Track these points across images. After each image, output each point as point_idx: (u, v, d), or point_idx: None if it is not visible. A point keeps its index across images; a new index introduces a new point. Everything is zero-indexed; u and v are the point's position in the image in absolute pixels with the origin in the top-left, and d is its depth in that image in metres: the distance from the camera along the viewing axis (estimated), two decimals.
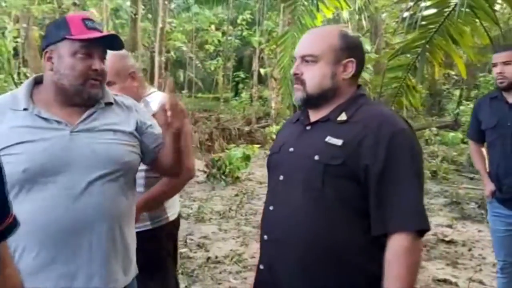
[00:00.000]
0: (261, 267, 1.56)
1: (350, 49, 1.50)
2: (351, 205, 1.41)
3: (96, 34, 1.53)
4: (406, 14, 3.54)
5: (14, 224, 1.01)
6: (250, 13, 14.11)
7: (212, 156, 8.16)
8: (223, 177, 7.43)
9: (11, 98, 1.56)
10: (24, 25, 9.50)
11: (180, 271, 3.95)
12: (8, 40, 9.02)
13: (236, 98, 14.50)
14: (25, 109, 1.52)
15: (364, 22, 11.83)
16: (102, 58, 1.57)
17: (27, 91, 1.56)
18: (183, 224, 5.44)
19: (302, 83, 1.50)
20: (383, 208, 1.37)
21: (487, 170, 2.98)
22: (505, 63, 2.74)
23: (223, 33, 14.78)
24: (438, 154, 9.19)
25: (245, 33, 14.58)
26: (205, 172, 7.76)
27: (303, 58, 1.50)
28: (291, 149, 1.52)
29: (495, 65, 2.79)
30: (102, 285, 1.52)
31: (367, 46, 12.48)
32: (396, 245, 1.35)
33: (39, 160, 1.45)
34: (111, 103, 1.64)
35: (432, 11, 3.68)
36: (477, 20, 3.59)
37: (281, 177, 1.52)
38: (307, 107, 1.56)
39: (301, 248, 1.44)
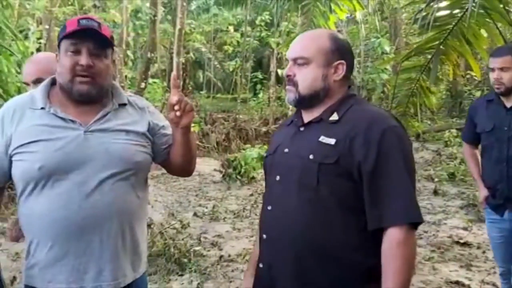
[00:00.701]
0: (261, 265, 1.60)
1: (340, 51, 1.55)
2: (346, 203, 1.45)
3: (81, 28, 1.54)
4: (419, 15, 3.54)
5: None
6: (268, 14, 14.14)
7: (228, 156, 8.23)
8: (239, 177, 7.49)
9: (30, 98, 1.62)
10: (46, 27, 9.71)
11: (193, 269, 4.03)
12: (31, 41, 9.23)
13: (254, 98, 14.56)
14: (42, 108, 1.58)
15: (377, 23, 11.74)
16: (95, 54, 1.57)
17: (44, 91, 1.62)
18: (198, 222, 5.53)
19: (295, 84, 1.54)
20: (377, 203, 1.41)
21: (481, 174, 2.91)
22: (502, 69, 2.63)
23: (242, 34, 14.87)
24: (456, 156, 9.08)
25: (263, 34, 14.61)
26: (221, 172, 7.83)
27: (295, 61, 1.55)
28: (286, 150, 1.57)
29: (492, 69, 2.67)
30: (111, 279, 1.58)
31: (386, 47, 12.40)
32: (391, 238, 1.39)
33: (54, 159, 1.51)
34: (124, 104, 1.69)
35: (446, 12, 3.67)
36: (490, 21, 3.58)
37: (278, 177, 1.56)
38: (299, 108, 1.60)
39: (298, 246, 1.48)
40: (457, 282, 3.83)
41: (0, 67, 3.99)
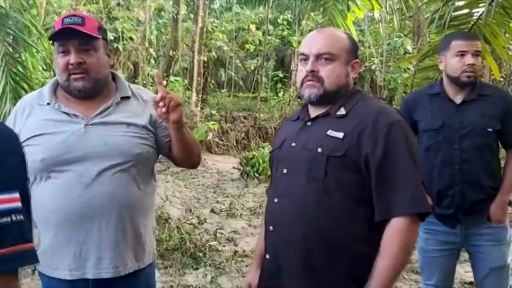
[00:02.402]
0: (267, 256, 1.64)
1: (356, 51, 1.61)
2: (353, 194, 1.49)
3: (64, 26, 1.59)
4: (435, 15, 3.52)
5: (27, 255, 0.86)
6: (290, 12, 14.13)
7: (246, 154, 8.28)
8: (256, 174, 7.53)
9: (38, 94, 1.72)
10: None
11: (208, 263, 4.10)
12: None
13: (275, 97, 14.58)
14: (48, 104, 1.67)
15: (395, 22, 11.63)
16: (83, 50, 1.62)
17: (51, 87, 1.71)
18: (214, 218, 5.61)
19: (320, 80, 1.56)
20: (384, 195, 1.46)
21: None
22: (477, 54, 2.32)
23: (263, 33, 14.91)
24: None
25: (285, 32, 14.61)
26: (239, 169, 7.89)
27: (320, 56, 1.56)
28: (293, 144, 1.61)
29: (463, 54, 2.29)
30: (111, 267, 1.64)
31: (408, 47, 12.28)
32: (393, 226, 1.43)
33: (55, 151, 1.60)
34: (128, 97, 1.74)
35: (464, 11, 3.64)
36: (510, 20, 3.53)
37: (284, 170, 1.60)
38: (320, 104, 1.60)
39: (305, 236, 1.51)
40: (471, 283, 3.80)
41: (25, 64, 4.13)
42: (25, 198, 0.87)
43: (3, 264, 0.82)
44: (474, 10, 3.62)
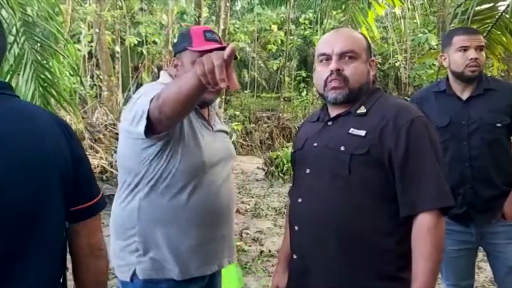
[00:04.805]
0: (294, 256, 1.65)
1: (371, 50, 1.63)
2: (377, 191, 1.50)
3: (213, 46, 1.69)
4: (458, 10, 3.48)
5: (101, 203, 1.21)
6: (312, 12, 14.07)
7: (270, 154, 8.29)
8: (281, 174, 7.54)
9: (158, 86, 1.73)
10: (97, 30, 10.11)
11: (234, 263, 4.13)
12: (83, 44, 9.65)
13: (298, 97, 14.54)
14: None
15: (417, 18, 11.47)
16: None
17: None
18: (240, 219, 5.64)
19: (345, 79, 1.56)
20: (408, 190, 1.46)
21: None
22: (480, 48, 2.29)
23: (286, 33, 14.89)
24: None
25: (307, 32, 14.56)
26: (263, 169, 7.91)
27: (343, 55, 1.56)
28: (315, 144, 1.62)
29: (465, 49, 2.27)
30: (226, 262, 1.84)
31: (433, 42, 12.09)
32: (421, 223, 1.43)
33: (212, 154, 1.73)
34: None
35: (488, 5, 3.59)
36: None
37: (307, 170, 1.61)
38: (346, 103, 1.59)
39: (331, 235, 1.52)
40: None
41: (53, 70, 4.23)
42: None
43: (101, 206, 1.19)
44: (499, 4, 3.56)
